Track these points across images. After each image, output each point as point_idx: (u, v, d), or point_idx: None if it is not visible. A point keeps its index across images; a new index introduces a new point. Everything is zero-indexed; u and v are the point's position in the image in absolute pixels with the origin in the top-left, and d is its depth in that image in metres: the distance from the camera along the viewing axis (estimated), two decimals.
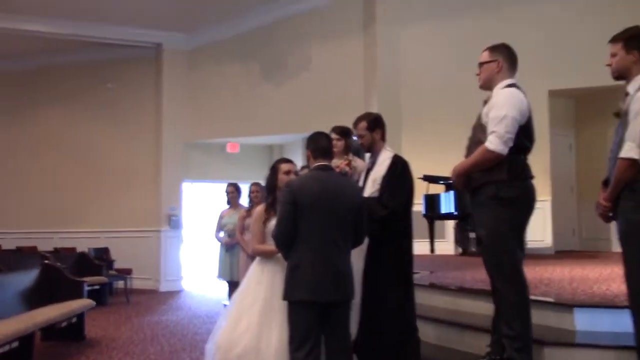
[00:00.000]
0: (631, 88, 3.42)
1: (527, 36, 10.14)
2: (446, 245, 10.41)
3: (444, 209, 9.08)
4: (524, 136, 3.70)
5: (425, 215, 9.25)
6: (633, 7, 9.35)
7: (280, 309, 3.93)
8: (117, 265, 12.29)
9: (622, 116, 3.46)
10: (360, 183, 4.62)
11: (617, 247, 3.46)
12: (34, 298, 6.92)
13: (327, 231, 3.76)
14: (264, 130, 12.96)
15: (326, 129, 5.28)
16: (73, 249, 12.14)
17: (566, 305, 4.33)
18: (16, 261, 9.27)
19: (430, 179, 9.23)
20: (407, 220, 4.44)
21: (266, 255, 4.26)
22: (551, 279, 5.76)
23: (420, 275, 6.73)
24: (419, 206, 8.94)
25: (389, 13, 11.16)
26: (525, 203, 3.75)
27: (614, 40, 3.49)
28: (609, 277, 5.82)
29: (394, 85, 11.06)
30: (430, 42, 10.98)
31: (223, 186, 8.33)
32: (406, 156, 9.13)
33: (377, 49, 11.08)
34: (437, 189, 9.33)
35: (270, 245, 4.12)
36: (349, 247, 3.90)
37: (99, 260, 11.32)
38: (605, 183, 3.54)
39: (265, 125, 12.72)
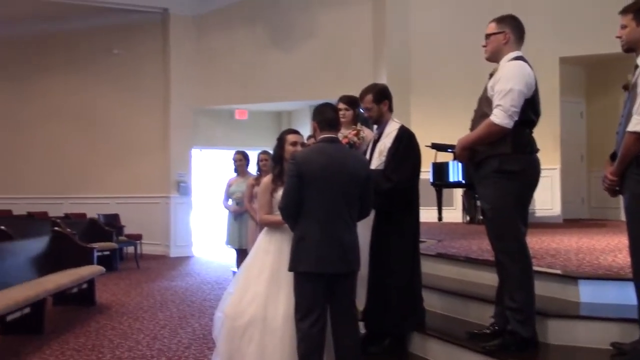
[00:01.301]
0: None
1: (538, 2, 9.99)
2: (454, 213, 10.44)
3: (452, 177, 9.06)
4: (529, 110, 3.65)
5: (433, 184, 9.23)
6: None
7: (287, 278, 3.96)
8: (127, 231, 12.40)
9: (630, 89, 3.41)
10: (367, 154, 4.61)
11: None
12: (45, 264, 7.03)
13: (333, 203, 3.77)
14: (272, 97, 12.92)
15: (335, 95, 5.27)
16: (83, 215, 12.26)
17: (571, 277, 4.35)
18: (27, 227, 9.37)
19: (438, 147, 9.17)
20: (413, 193, 4.44)
21: (273, 226, 4.27)
22: (557, 250, 5.76)
23: (427, 244, 6.76)
24: (427, 174, 8.93)
25: None
26: (529, 177, 3.72)
27: (625, 11, 3.42)
28: (616, 248, 5.83)
29: (403, 52, 10.95)
30: (440, 7, 10.83)
31: (231, 153, 8.32)
32: (415, 124, 9.11)
33: (386, 15, 10.94)
34: (445, 157, 9.29)
35: (277, 216, 4.12)
36: (355, 219, 3.91)
37: (109, 226, 11.43)
38: (613, 157, 3.51)
39: (273, 92, 12.67)
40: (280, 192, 4.12)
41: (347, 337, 3.88)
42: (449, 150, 9.07)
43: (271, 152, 4.81)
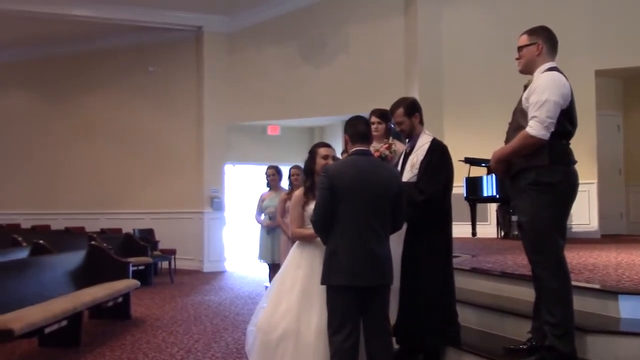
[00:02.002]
0: None
1: (572, 14, 9.89)
2: (488, 229, 10.30)
3: (485, 192, 8.96)
4: (566, 121, 3.59)
5: (466, 198, 9.14)
6: None
7: (319, 292, 3.95)
8: (161, 246, 12.55)
9: None
10: (399, 167, 4.58)
11: None
12: (82, 278, 7.14)
13: (365, 216, 3.75)
14: (304, 113, 13.00)
15: (367, 111, 5.26)
16: (119, 230, 12.45)
17: (611, 292, 4.23)
18: (65, 242, 9.55)
19: (471, 162, 9.11)
20: (446, 206, 4.39)
21: (305, 239, 4.26)
22: (596, 265, 5.64)
23: (461, 259, 6.68)
24: (460, 189, 8.84)
25: None
26: (566, 189, 3.64)
27: None
28: None
29: (435, 67, 10.92)
30: (472, 22, 10.79)
31: (264, 168, 8.38)
32: (447, 138, 9.07)
33: (418, 30, 10.94)
34: (478, 171, 9.20)
35: (309, 229, 4.12)
36: (387, 232, 3.89)
37: (144, 241, 11.57)
38: None
39: (305, 108, 12.76)
40: (311, 206, 4.11)
41: (380, 352, 3.84)
42: (483, 164, 8.99)
43: (303, 166, 4.81)
